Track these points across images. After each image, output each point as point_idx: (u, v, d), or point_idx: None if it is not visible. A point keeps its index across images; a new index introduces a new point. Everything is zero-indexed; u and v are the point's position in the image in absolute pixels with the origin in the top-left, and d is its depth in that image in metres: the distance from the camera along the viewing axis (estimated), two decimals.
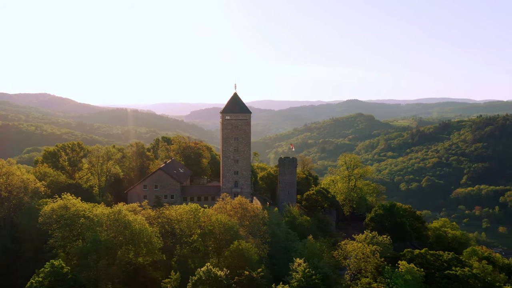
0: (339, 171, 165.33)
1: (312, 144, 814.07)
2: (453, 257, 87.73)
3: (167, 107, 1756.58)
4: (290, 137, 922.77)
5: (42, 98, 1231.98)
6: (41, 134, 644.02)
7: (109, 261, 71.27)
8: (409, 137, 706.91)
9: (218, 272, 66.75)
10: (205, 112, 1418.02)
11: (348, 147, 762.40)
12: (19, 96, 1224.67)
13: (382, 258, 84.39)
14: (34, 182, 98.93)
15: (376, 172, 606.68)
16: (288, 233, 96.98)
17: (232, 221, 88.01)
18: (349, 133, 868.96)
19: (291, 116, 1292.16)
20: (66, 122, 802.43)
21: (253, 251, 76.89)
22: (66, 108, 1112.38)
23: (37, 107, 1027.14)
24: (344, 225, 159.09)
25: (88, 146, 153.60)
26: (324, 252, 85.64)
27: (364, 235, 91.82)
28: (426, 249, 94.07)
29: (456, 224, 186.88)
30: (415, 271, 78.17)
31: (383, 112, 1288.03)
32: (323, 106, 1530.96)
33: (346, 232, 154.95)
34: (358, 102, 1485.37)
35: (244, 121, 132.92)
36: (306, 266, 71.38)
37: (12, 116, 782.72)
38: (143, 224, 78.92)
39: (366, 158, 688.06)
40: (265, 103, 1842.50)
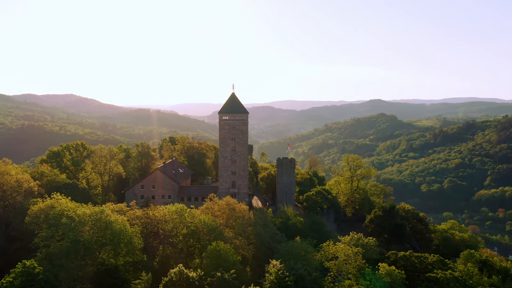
0: (341, 171, 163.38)
1: (333, 145, 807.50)
2: (438, 260, 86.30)
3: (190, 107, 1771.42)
4: (310, 137, 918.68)
5: (68, 99, 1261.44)
6: (65, 134, 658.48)
7: (86, 262, 72.01)
8: (431, 138, 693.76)
9: (190, 273, 66.76)
10: None
11: (368, 148, 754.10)
12: (46, 97, 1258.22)
13: (364, 260, 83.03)
14: (28, 182, 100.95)
15: (397, 173, 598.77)
16: (276, 234, 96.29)
17: (217, 221, 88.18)
18: (370, 134, 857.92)
19: (313, 116, 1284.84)
20: (89, 123, 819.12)
21: (231, 252, 76.65)
22: (91, 108, 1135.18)
23: (63, 108, 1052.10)
24: (347, 226, 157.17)
25: (91, 146, 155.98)
26: (307, 253, 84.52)
27: (350, 237, 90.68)
28: (411, 251, 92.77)
29: (464, 227, 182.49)
30: (396, 274, 76.85)
31: (406, 112, 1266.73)
32: (346, 106, 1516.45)
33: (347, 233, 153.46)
34: (381, 102, 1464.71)
35: (242, 122, 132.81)
36: (281, 268, 70.77)
37: (38, 117, 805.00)
38: (123, 225, 79.49)
39: (387, 158, 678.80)
40: (286, 103, 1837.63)
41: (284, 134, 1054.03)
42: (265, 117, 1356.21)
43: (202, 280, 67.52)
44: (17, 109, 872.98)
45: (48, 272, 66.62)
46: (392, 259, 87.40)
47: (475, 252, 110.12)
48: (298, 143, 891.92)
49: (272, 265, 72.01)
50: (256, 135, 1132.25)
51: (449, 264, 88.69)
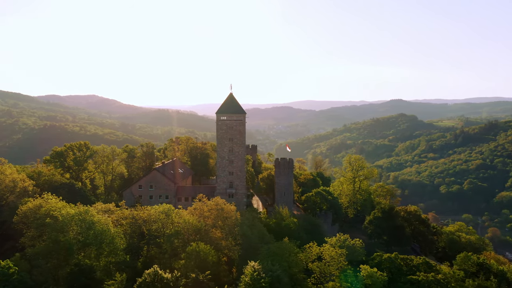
0: (344, 172, 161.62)
1: (351, 145, 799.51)
2: (423, 262, 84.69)
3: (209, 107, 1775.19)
4: (329, 137, 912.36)
5: (90, 99, 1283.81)
6: (85, 134, 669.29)
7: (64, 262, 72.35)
8: (452, 138, 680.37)
9: (165, 274, 66.76)
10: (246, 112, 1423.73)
11: (387, 148, 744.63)
12: (69, 98, 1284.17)
13: (347, 262, 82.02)
14: (23, 182, 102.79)
15: (415, 174, 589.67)
16: (264, 235, 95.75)
17: (202, 222, 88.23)
18: (390, 134, 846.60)
19: (332, 117, 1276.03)
20: (110, 123, 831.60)
21: (211, 253, 76.47)
22: (112, 109, 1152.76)
23: (85, 108, 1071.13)
24: (349, 227, 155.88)
25: (94, 146, 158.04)
26: (290, 254, 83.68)
27: (336, 238, 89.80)
28: (396, 253, 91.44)
29: (472, 229, 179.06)
30: (377, 276, 75.77)
31: (428, 112, 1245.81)
32: (366, 106, 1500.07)
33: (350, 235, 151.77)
34: (402, 102, 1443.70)
35: (239, 122, 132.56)
36: (258, 269, 70.22)
37: (60, 117, 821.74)
38: (106, 225, 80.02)
39: (406, 159, 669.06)
40: (306, 103, 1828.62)
41: (302, 134, 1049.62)
42: (284, 117, 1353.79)
43: (177, 281, 67.45)
44: (40, 110, 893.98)
45: (24, 272, 67.35)
46: (376, 261, 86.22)
47: (472, 255, 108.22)
48: (316, 143, 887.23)
49: (249, 266, 71.51)
50: (274, 135, 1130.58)
51: (435, 266, 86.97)
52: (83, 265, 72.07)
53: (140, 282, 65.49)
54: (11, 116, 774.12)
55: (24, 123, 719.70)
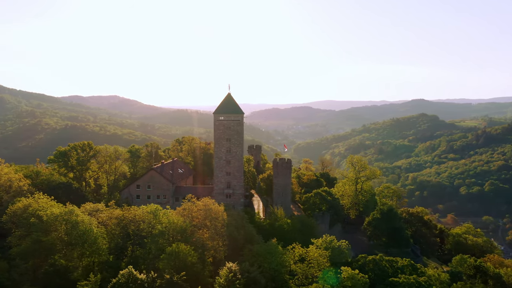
0: (346, 173, 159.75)
1: (370, 145, 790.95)
2: (408, 264, 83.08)
3: None
4: (347, 138, 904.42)
5: (112, 100, 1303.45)
6: (105, 134, 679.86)
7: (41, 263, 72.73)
8: (473, 139, 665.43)
9: (139, 275, 66.89)
10: (265, 112, 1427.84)
11: (406, 149, 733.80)
12: (91, 98, 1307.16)
13: (329, 263, 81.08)
14: (18, 181, 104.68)
15: (435, 175, 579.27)
16: (252, 236, 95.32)
17: (187, 222, 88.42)
18: (410, 134, 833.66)
19: (352, 117, 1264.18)
20: (129, 123, 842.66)
21: (190, 254, 76.42)
22: (133, 109, 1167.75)
23: (106, 109, 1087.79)
24: (352, 229, 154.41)
25: (98, 146, 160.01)
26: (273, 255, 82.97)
27: (322, 239, 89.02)
28: (381, 255, 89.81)
29: (480, 231, 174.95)
30: (358, 278, 74.78)
31: (450, 112, 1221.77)
32: (386, 106, 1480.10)
33: (350, 236, 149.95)
34: (423, 101, 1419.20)
35: (237, 122, 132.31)
36: (234, 270, 69.87)
37: (82, 117, 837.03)
38: (89, 225, 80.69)
39: (425, 160, 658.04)
40: (325, 103, 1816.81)
41: (321, 135, 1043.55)
42: (304, 117, 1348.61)
43: (153, 282, 67.43)
44: (63, 110, 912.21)
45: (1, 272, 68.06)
46: (360, 263, 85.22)
47: (469, 257, 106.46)
48: (334, 144, 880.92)
49: (226, 267, 71.24)
50: (293, 135, 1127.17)
51: (420, 269, 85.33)
52: (58, 266, 72.37)
53: (114, 283, 65.77)
54: (34, 116, 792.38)
55: (46, 123, 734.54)
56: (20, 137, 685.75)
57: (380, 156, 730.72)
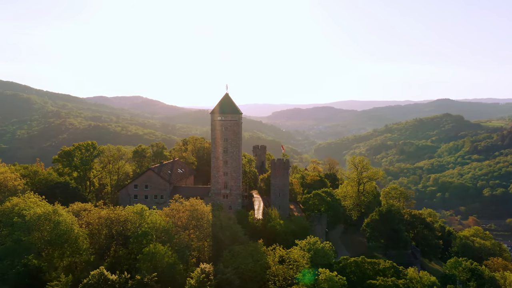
0: (348, 173, 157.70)
1: (391, 146, 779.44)
2: (390, 266, 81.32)
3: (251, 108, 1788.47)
4: (369, 138, 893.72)
5: (136, 100, 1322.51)
6: (126, 134, 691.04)
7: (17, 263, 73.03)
8: (499, 139, 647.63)
9: (110, 276, 67.05)
10: (286, 112, 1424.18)
11: (429, 149, 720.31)
12: (115, 99, 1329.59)
13: (309, 265, 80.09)
14: (13, 181, 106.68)
15: (457, 176, 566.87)
16: (238, 237, 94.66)
17: (170, 223, 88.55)
18: (433, 135, 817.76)
19: (374, 117, 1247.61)
20: (151, 123, 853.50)
21: (167, 254, 76.34)
22: (155, 109, 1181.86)
23: (129, 109, 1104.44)
24: (354, 230, 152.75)
25: (102, 145, 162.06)
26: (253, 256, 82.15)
27: (306, 241, 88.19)
28: (363, 257, 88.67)
29: (489, 234, 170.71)
30: (336, 280, 73.81)
31: (476, 112, 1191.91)
32: (410, 106, 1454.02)
33: (351, 237, 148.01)
34: (449, 101, 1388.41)
35: (234, 122, 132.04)
36: (207, 272, 69.46)
37: (105, 117, 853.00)
38: (71, 224, 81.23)
39: (448, 161, 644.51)
40: (347, 103, 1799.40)
41: (342, 135, 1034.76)
42: (325, 117, 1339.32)
43: (124, 283, 67.38)
44: (87, 111, 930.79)
45: None
46: (341, 265, 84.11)
47: (464, 260, 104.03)
48: (355, 144, 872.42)
49: (199, 268, 70.90)
50: (314, 135, 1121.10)
51: (403, 271, 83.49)
52: (30, 266, 72.52)
53: (84, 284, 65.99)
54: (59, 116, 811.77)
55: (70, 123, 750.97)
56: (45, 137, 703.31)
57: (401, 157, 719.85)
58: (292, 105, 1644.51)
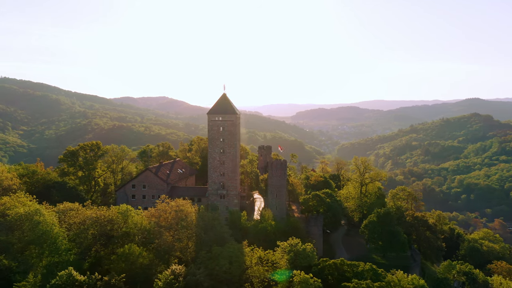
0: (350, 174, 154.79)
1: (416, 146, 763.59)
2: (369, 269, 79.42)
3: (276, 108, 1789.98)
4: (393, 138, 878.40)
5: (161, 101, 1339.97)
6: (149, 134, 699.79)
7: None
8: None
9: (78, 276, 67.31)
10: (311, 113, 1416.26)
11: (455, 150, 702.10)
12: (141, 100, 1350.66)
13: (286, 266, 78.90)
14: (9, 180, 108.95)
15: (484, 178, 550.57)
16: (223, 238, 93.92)
17: (152, 223, 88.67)
18: (460, 135, 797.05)
19: (400, 117, 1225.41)
20: (174, 123, 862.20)
21: (141, 255, 76.28)
22: (180, 110, 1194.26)
23: (154, 110, 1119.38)
24: (355, 232, 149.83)
25: (106, 145, 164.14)
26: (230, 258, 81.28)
27: (288, 242, 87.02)
28: (342, 259, 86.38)
29: (499, 237, 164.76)
30: (311, 282, 72.58)
31: (508, 112, 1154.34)
32: (438, 106, 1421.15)
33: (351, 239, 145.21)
34: (478, 101, 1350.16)
35: (230, 123, 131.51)
36: (177, 273, 69.10)
37: (130, 118, 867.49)
38: (52, 224, 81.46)
39: (475, 162, 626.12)
40: (373, 103, 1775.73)
41: (367, 135, 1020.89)
42: (350, 117, 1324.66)
43: (93, 284, 67.46)
44: (113, 111, 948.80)
45: None
46: (320, 267, 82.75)
47: (460, 263, 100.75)
48: (379, 144, 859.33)
49: (169, 270, 70.59)
50: (338, 135, 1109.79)
51: (382, 274, 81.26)
52: (0, 266, 72.80)
53: (51, 285, 66.31)
54: (86, 117, 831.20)
55: (96, 124, 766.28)
56: (71, 137, 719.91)
57: (426, 158, 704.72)
58: (316, 105, 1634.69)
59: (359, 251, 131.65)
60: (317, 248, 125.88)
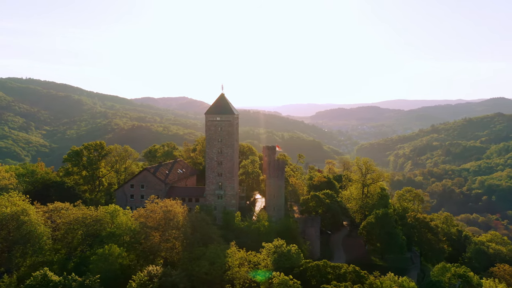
0: (352, 175, 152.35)
1: (437, 147, 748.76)
2: (352, 271, 78.01)
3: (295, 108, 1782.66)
4: (414, 138, 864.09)
5: (181, 101, 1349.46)
6: (167, 134, 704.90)
7: None
8: None
9: (54, 277, 67.62)
10: (330, 112, 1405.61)
11: (478, 150, 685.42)
12: (162, 100, 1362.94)
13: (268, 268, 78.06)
14: (6, 180, 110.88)
15: (506, 179, 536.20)
16: (211, 239, 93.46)
17: (136, 223, 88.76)
18: (482, 135, 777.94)
19: (422, 117, 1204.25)
20: (192, 123, 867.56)
21: (121, 256, 76.33)
22: (199, 110, 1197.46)
23: (174, 110, 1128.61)
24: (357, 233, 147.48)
25: (110, 145, 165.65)
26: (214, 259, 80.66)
27: (273, 243, 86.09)
28: (325, 261, 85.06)
29: (507, 239, 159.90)
30: (291, 284, 71.67)
31: None
32: (461, 106, 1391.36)
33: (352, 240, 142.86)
34: (503, 100, 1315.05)
35: (228, 123, 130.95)
36: (154, 274, 68.91)
37: (149, 118, 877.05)
38: (37, 224, 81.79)
39: (497, 162, 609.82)
40: (394, 103, 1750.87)
41: (387, 135, 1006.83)
42: (370, 117, 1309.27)
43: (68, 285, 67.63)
44: (133, 111, 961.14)
45: None
46: (302, 268, 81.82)
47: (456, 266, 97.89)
48: (399, 145, 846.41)
49: (145, 270, 70.40)
50: (357, 136, 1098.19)
51: (364, 276, 79.51)
52: None
53: (26, 285, 66.78)
54: (106, 117, 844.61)
55: (116, 124, 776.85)
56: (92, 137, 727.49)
57: (447, 158, 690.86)
58: (336, 105, 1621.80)
59: (358, 253, 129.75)
60: (314, 249, 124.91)
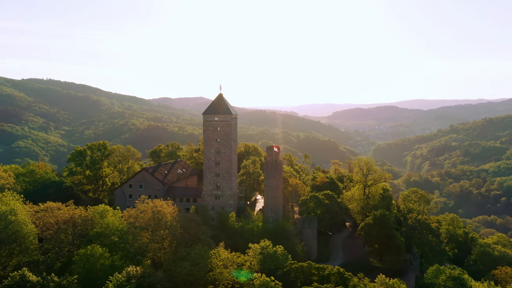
0: (353, 176, 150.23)
1: (456, 147, 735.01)
2: (336, 272, 77.15)
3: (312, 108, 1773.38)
4: (432, 139, 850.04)
5: (198, 101, 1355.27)
6: (182, 134, 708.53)
7: None
8: None
9: (32, 277, 67.89)
10: (347, 112, 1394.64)
11: (496, 151, 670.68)
12: (179, 100, 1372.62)
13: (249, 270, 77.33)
14: (4, 179, 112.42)
15: None
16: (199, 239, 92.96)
17: (124, 224, 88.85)
18: (503, 135, 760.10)
19: (441, 116, 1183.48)
20: None
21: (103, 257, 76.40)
22: None
23: (190, 110, 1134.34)
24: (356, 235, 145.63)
25: (113, 146, 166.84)
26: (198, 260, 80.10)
27: (260, 245, 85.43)
28: (310, 262, 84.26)
29: None
30: (272, 285, 71.16)
31: None
32: (482, 105, 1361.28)
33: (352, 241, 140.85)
34: None
35: (226, 123, 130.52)
36: (133, 275, 68.74)
37: (166, 118, 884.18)
38: (20, 224, 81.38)
39: None
40: (413, 102, 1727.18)
41: (405, 135, 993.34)
42: (388, 117, 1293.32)
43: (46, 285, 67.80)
44: (150, 111, 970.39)
45: None
46: (286, 269, 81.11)
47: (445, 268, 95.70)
48: (417, 145, 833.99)
49: (124, 271, 70.21)
50: (374, 136, 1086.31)
51: (349, 278, 78.21)
52: None
53: (3, 285, 67.14)
54: (123, 117, 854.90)
55: (132, 124, 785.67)
56: (109, 137, 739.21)
57: (465, 159, 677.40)
58: (354, 105, 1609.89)
59: (357, 254, 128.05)
60: (311, 250, 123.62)
